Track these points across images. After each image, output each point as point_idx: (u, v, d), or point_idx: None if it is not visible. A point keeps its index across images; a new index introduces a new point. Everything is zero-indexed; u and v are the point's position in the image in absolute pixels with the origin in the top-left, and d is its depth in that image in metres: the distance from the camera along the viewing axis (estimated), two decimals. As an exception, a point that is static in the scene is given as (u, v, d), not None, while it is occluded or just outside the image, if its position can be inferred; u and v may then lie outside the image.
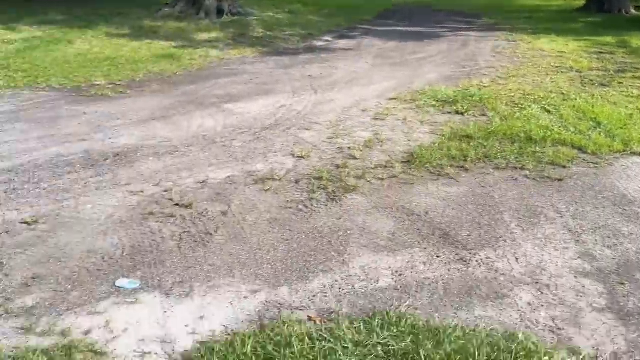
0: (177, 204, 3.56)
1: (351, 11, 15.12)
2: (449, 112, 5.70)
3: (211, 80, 7.25)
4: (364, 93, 6.57)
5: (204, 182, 3.93)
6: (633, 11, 15.44)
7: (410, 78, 7.37)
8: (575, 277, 2.75)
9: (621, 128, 5.04)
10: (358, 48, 10.00)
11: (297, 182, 3.96)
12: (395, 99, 6.28)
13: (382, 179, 4.03)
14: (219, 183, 3.92)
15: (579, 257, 2.93)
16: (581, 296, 2.60)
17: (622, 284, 2.70)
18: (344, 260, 2.94)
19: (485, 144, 4.67)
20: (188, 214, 3.42)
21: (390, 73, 7.75)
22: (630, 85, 6.85)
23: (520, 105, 5.84)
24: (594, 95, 6.29)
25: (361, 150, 4.61)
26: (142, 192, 3.75)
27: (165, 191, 3.76)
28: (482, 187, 3.88)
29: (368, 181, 3.99)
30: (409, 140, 4.88)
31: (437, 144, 4.68)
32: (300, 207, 3.56)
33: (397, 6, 17.73)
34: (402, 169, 4.22)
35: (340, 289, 2.69)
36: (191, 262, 2.90)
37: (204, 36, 10.50)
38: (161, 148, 4.62)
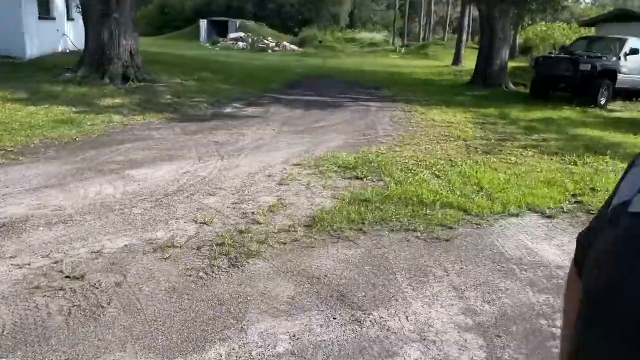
0: (67, 276, 3.39)
1: (260, 81, 15.66)
2: (349, 177, 6.00)
3: (113, 146, 7.11)
4: (269, 159, 6.75)
5: (98, 252, 3.79)
6: (512, 86, 17.37)
7: (314, 145, 7.70)
8: (459, 332, 2.95)
9: (500, 191, 5.57)
10: (265, 115, 10.32)
11: (198, 248, 3.94)
12: (299, 164, 6.51)
13: (285, 243, 4.12)
14: (115, 252, 3.80)
15: (462, 313, 3.15)
16: (463, 350, 2.78)
17: (499, 336, 2.93)
18: (242, 327, 2.94)
19: (382, 207, 4.95)
20: (79, 287, 3.27)
21: (295, 140, 8.05)
22: (508, 153, 7.62)
23: (413, 171, 6.28)
24: (477, 161, 6.93)
25: (265, 215, 4.70)
26: (28, 264, 3.54)
27: (55, 263, 3.58)
28: (378, 248, 4.09)
29: (271, 246, 4.06)
30: (311, 205, 5.05)
31: (337, 208, 4.89)
32: (201, 274, 3.53)
33: (305, 77, 18.61)
34: (304, 232, 4.35)
35: (237, 357, 2.67)
36: (79, 338, 2.75)
37: (107, 101, 10.33)
38: (53, 217, 4.42)
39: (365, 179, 5.93)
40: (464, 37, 29.45)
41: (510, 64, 19.90)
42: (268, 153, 7.10)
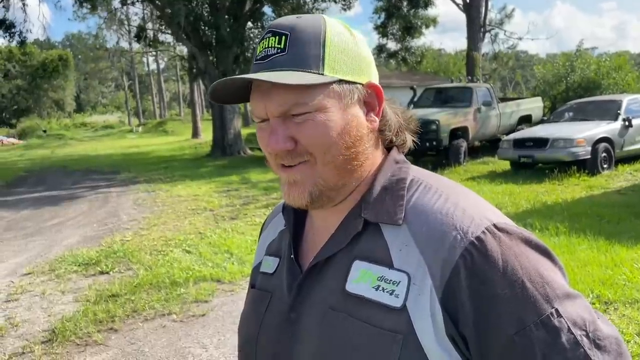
0: None
1: (-31, 183, 13.43)
2: (93, 274, 5.55)
3: None
4: (-10, 275, 5.78)
5: None
6: (249, 151, 18.65)
7: (47, 247, 6.90)
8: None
9: (249, 254, 5.86)
10: (-19, 224, 8.83)
11: None
12: (30, 273, 5.74)
13: (19, 370, 3.55)
14: None
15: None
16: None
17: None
18: None
19: (133, 298, 4.70)
20: None
21: (23, 245, 7.08)
22: (253, 215, 8.11)
23: (163, 252, 6.15)
24: (225, 229, 7.18)
25: (-11, 344, 3.97)
26: None
27: None
28: (132, 344, 3.85)
29: (0, 378, 3.44)
30: (49, 316, 4.48)
31: (81, 312, 4.45)
32: None
33: (29, 172, 16.74)
34: (44, 350, 3.82)
35: None
36: None
37: None
38: None
39: (111, 272, 5.56)
40: (198, 111, 30.66)
41: (245, 131, 21.43)
42: (-12, 268, 6.07)
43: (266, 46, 0.77)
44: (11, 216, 9.41)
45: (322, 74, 0.75)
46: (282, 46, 0.75)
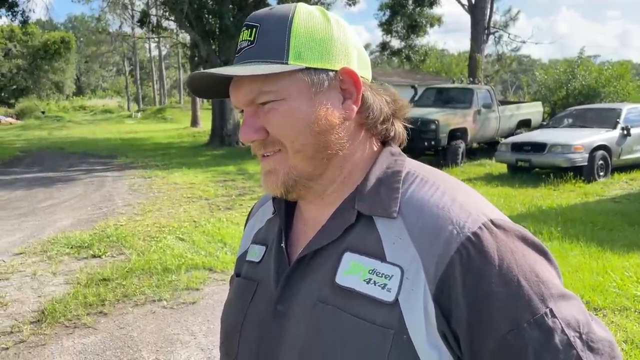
0: None
1: (-35, 161, 13.38)
2: (85, 257, 5.54)
3: None
4: (-18, 253, 5.76)
5: None
6: (242, 144, 18.58)
7: (40, 228, 6.88)
8: (210, 392, 2.96)
9: (242, 244, 5.85)
10: (-25, 202, 8.81)
11: None
12: (22, 253, 5.73)
13: (7, 348, 3.54)
14: None
15: (212, 372, 3.18)
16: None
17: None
18: None
19: (124, 283, 4.69)
20: None
21: (16, 225, 7.06)
22: (248, 206, 8.09)
23: (156, 238, 6.15)
24: (220, 219, 7.17)
25: (-22, 322, 3.97)
26: None
27: None
28: (121, 328, 3.84)
29: (-13, 356, 3.44)
30: (39, 297, 4.47)
31: (71, 294, 4.44)
32: None
33: (26, 152, 16.68)
34: (32, 330, 3.82)
35: None
36: None
37: None
38: None
39: (103, 256, 5.55)
40: (198, 99, 30.56)
41: (244, 123, 21.32)
42: (-20, 246, 6.06)
43: (241, 39, 0.78)
44: (6, 195, 9.37)
45: (286, 63, 0.74)
46: (252, 38, 0.76)
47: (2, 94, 44.50)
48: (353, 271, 0.74)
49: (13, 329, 3.84)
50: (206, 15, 18.11)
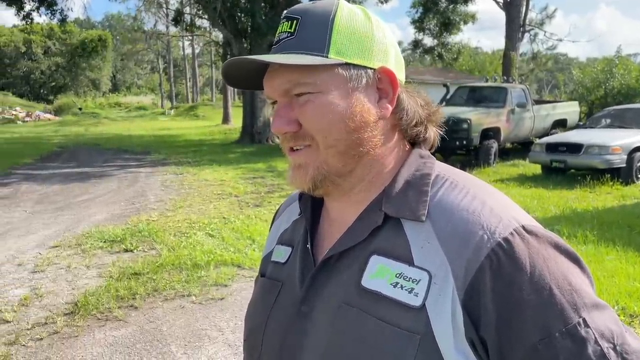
0: None
1: (6, 157, 13.86)
2: (118, 252, 5.66)
3: None
4: (20, 245, 5.96)
5: None
6: (277, 140, 18.70)
7: (75, 222, 7.07)
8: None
9: (270, 241, 5.88)
10: (14, 196, 9.11)
11: None
12: (58, 246, 5.89)
13: (41, 339, 3.65)
14: None
15: (239, 369, 3.20)
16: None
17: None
18: None
19: (155, 277, 4.77)
20: None
21: (52, 219, 7.28)
22: (277, 203, 8.13)
23: (186, 234, 6.23)
24: (249, 215, 7.23)
25: (15, 311, 4.10)
26: None
27: None
28: (151, 322, 3.91)
29: (23, 345, 3.55)
30: (73, 289, 4.59)
31: (104, 287, 4.54)
32: None
33: (63, 148, 17.16)
34: (65, 322, 3.92)
35: None
36: None
37: None
38: None
39: (135, 251, 5.66)
40: (229, 97, 30.90)
41: (274, 120, 21.44)
42: (18, 238, 6.26)
43: (280, 31, 0.78)
44: (43, 190, 9.67)
45: (326, 56, 0.74)
46: (292, 30, 0.76)
47: (42, 91, 45.92)
48: (380, 274, 0.73)
49: (47, 320, 3.95)
50: (238, 14, 18.27)
